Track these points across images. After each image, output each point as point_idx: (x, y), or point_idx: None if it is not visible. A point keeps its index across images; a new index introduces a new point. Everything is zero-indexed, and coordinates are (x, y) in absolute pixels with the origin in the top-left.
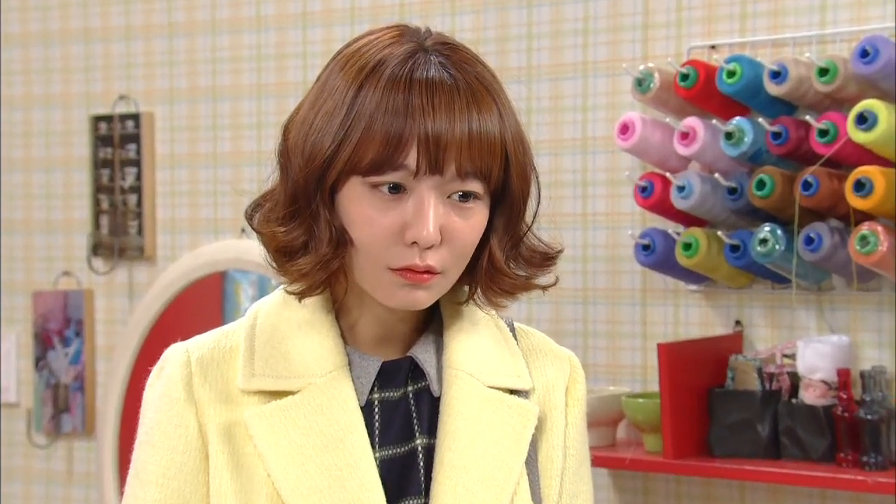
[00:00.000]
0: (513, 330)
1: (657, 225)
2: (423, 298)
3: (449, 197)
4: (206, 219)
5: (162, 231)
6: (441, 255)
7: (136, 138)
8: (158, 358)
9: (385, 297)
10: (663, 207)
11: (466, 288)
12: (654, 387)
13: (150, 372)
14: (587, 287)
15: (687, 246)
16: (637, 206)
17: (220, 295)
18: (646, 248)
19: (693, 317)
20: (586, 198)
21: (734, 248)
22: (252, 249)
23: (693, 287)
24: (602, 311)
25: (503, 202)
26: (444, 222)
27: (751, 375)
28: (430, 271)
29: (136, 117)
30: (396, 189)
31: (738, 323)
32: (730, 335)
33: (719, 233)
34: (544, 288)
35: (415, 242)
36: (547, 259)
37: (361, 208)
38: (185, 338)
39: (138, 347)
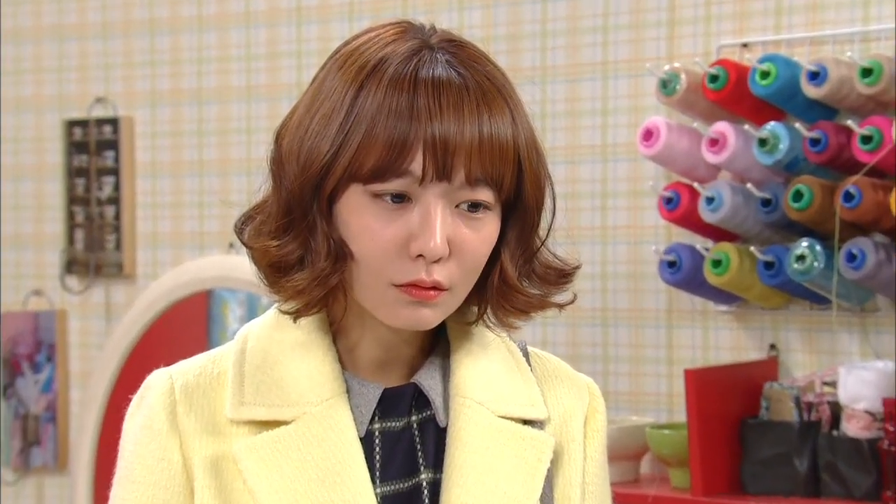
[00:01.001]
0: (526, 354)
1: (684, 240)
2: (430, 317)
3: (457, 206)
4: (191, 232)
5: (142, 246)
6: (449, 269)
7: (114, 145)
8: (138, 385)
9: (388, 315)
10: (690, 221)
11: (475, 308)
12: (681, 417)
13: (129, 401)
14: (607, 308)
15: (716, 263)
16: (662, 219)
17: (206, 316)
18: (671, 264)
19: (723, 340)
20: (606, 210)
21: (768, 266)
22: (241, 266)
23: (723, 308)
24: (623, 334)
25: (515, 213)
26: (452, 234)
27: (787, 405)
28: (437, 287)
29: (114, 122)
30: (400, 198)
31: (772, 347)
32: (764, 361)
33: (752, 248)
34: (561, 306)
35: (420, 255)
36: (562, 276)
37: (362, 219)
38: (167, 363)
39: (116, 374)
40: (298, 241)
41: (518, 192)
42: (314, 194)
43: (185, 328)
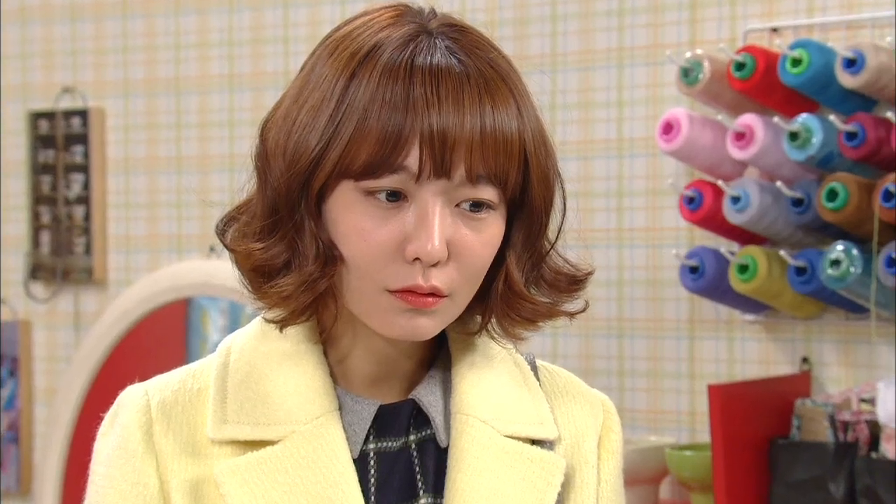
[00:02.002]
0: (534, 368)
1: (707, 243)
2: (428, 327)
3: (457, 206)
4: (168, 235)
5: (114, 250)
6: (448, 274)
7: (83, 139)
8: (110, 402)
9: (381, 324)
10: (714, 222)
11: (478, 317)
12: (705, 437)
13: (100, 419)
14: (623, 317)
15: (743, 268)
16: (683, 220)
17: (185, 326)
18: (693, 270)
19: (751, 353)
20: (622, 210)
21: (800, 271)
22: (223, 271)
23: (750, 317)
24: (641, 346)
25: (522, 213)
26: (451, 235)
27: (821, 424)
28: (435, 293)
29: (83, 113)
30: (395, 196)
31: (805, 360)
32: (795, 375)
33: (782, 252)
34: (572, 315)
35: (417, 259)
36: (574, 283)
37: (354, 219)
38: (142, 378)
39: (85, 390)
40: (285, 242)
41: (524, 190)
42: (302, 192)
43: (162, 340)
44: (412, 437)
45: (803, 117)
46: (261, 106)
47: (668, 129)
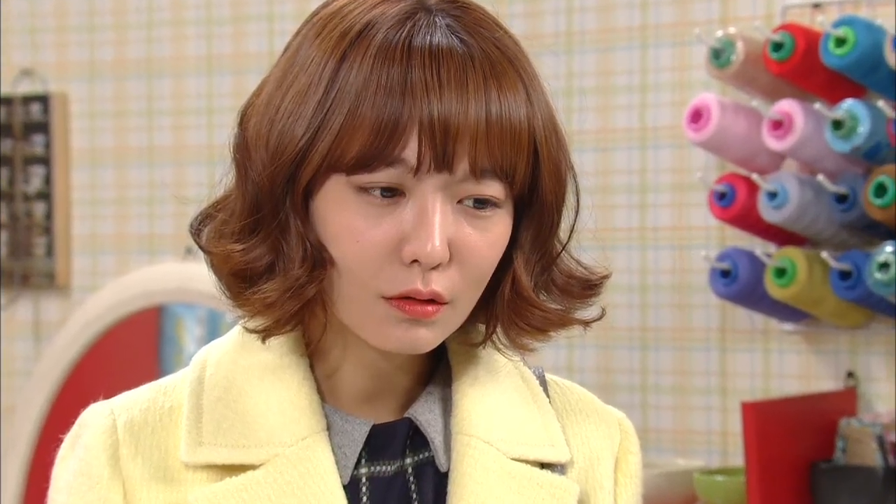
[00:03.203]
0: (543, 383)
1: (740, 244)
2: (427, 338)
3: (460, 202)
4: (139, 235)
5: (79, 252)
6: (450, 278)
7: (44, 127)
8: (74, 421)
9: (375, 335)
10: (748, 220)
11: (482, 326)
12: (738, 460)
13: (61, 440)
14: (647, 326)
15: (780, 272)
16: (713, 218)
17: (158, 336)
18: (725, 274)
19: (789, 367)
20: (645, 207)
21: (844, 275)
22: (200, 276)
23: (789, 327)
24: (667, 359)
25: (531, 211)
26: (453, 235)
27: (868, 446)
28: (435, 300)
29: (44, 99)
30: (391, 192)
31: (850, 375)
32: (839, 392)
33: (824, 254)
34: (586, 323)
35: (415, 261)
36: (588, 287)
37: (345, 217)
38: (110, 395)
39: (47, 407)
40: (268, 244)
41: (534, 185)
42: (287, 187)
43: (132, 352)
44: (409, 461)
45: (848, 103)
46: (242, 91)
47: (697, 116)
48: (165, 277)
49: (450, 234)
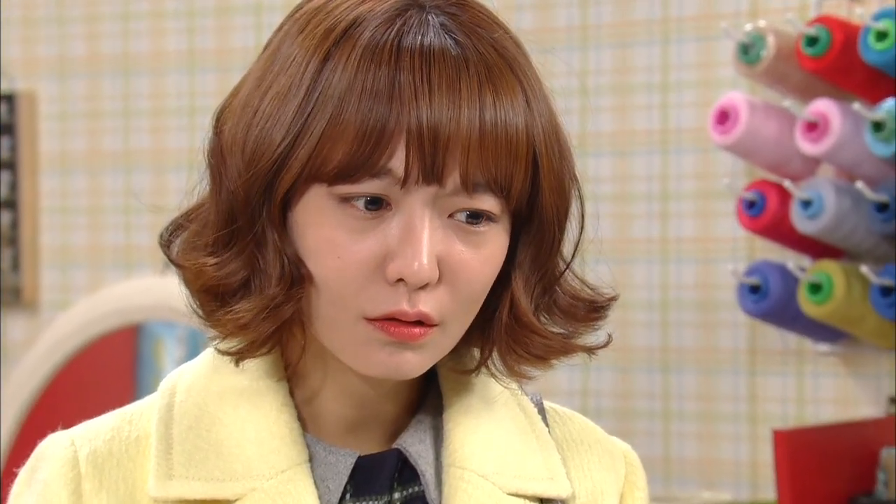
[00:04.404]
0: (542, 411)
1: (771, 257)
2: (413, 363)
3: (451, 216)
4: (114, 247)
5: (48, 265)
6: (439, 298)
7: (9, 129)
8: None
9: (357, 360)
10: (780, 231)
11: (476, 350)
12: (769, 494)
13: (18, 474)
14: (668, 347)
15: (815, 288)
16: (741, 228)
17: (134, 357)
18: (754, 290)
19: (825, 391)
20: (667, 217)
21: (885, 291)
22: (180, 292)
23: (824, 348)
24: (691, 382)
25: (530, 226)
26: (443, 252)
27: None
28: (423, 322)
29: (9, 98)
30: (376, 203)
31: (892, 401)
32: (880, 419)
33: (863, 268)
34: (590, 350)
35: (401, 280)
36: (593, 310)
37: (326, 231)
38: (82, 420)
39: (12, 435)
40: (243, 258)
41: (533, 199)
42: (264, 197)
43: (106, 375)
44: (397, 495)
45: (890, 103)
46: (227, 90)
47: (724, 117)
48: (143, 293)
49: (439, 250)
